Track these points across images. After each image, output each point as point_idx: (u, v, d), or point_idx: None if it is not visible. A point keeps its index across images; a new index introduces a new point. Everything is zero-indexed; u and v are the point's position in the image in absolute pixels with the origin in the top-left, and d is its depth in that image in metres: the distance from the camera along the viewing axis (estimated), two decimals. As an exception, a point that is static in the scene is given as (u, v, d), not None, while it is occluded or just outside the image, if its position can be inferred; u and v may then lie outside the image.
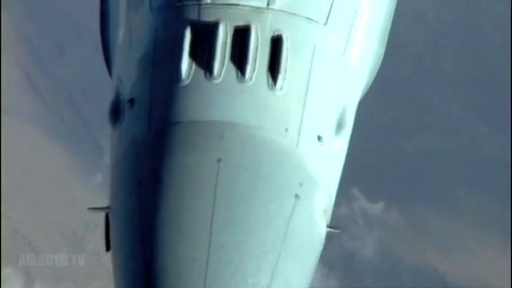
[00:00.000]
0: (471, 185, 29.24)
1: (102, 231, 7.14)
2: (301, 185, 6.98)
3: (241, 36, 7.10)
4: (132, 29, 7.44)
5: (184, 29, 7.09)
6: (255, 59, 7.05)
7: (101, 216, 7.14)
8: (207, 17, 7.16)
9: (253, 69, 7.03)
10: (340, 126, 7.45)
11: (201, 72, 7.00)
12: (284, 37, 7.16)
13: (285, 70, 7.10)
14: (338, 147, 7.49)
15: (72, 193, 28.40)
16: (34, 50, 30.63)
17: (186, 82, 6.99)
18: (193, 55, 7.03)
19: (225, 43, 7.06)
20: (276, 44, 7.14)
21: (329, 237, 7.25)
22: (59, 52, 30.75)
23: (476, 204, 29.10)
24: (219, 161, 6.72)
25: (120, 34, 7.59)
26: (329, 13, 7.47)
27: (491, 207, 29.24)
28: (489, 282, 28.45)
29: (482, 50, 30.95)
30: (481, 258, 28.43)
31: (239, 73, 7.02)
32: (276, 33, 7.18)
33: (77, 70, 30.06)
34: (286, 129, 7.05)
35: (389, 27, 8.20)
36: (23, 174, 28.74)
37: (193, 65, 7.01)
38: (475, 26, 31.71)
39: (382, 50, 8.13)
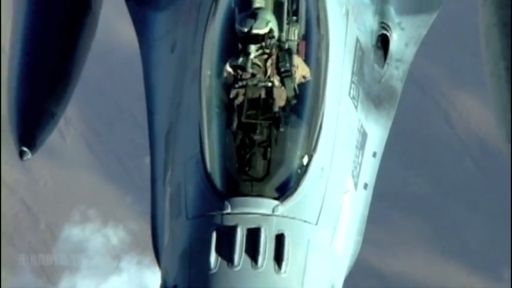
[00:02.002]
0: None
1: None
2: None
3: (253, 234, 9.44)
4: (174, 233, 9.85)
5: (211, 232, 9.44)
6: (265, 251, 9.41)
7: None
8: (228, 222, 9.52)
9: (264, 259, 9.38)
10: None
11: (225, 263, 9.35)
12: (286, 234, 9.50)
13: (287, 258, 9.43)
14: None
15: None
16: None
17: (214, 271, 9.34)
18: (218, 251, 9.38)
19: (242, 241, 9.40)
20: (280, 239, 9.49)
21: None
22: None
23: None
24: None
25: (165, 238, 9.97)
26: (319, 215, 9.85)
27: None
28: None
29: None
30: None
31: (253, 262, 9.37)
32: (279, 232, 9.51)
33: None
34: None
35: (365, 220, 10.58)
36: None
37: (219, 258, 9.35)
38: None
39: (360, 238, 10.54)
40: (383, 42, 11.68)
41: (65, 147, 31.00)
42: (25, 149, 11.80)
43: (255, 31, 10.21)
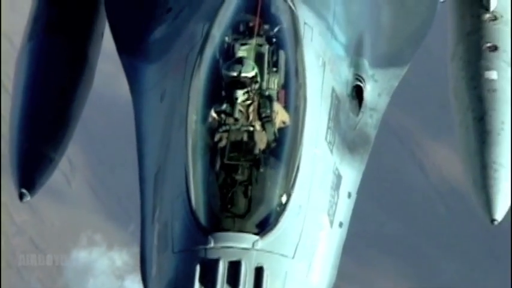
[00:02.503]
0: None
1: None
2: None
3: (234, 267, 9.32)
4: (161, 266, 9.75)
5: (195, 264, 9.33)
6: (245, 283, 9.31)
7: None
8: (211, 255, 9.41)
9: None
10: None
11: None
12: (265, 267, 9.40)
13: None
14: None
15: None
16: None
17: None
18: (202, 282, 9.27)
19: (223, 273, 9.29)
20: (259, 272, 9.39)
21: None
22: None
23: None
24: None
25: (153, 270, 9.89)
26: (296, 250, 9.74)
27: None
28: None
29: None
30: None
31: None
32: (258, 265, 9.39)
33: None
34: None
35: (339, 256, 10.48)
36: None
37: None
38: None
39: (335, 272, 10.37)
40: (357, 92, 11.59)
41: (70, 191, 31.20)
42: (24, 191, 11.82)
43: (243, 74, 10.22)
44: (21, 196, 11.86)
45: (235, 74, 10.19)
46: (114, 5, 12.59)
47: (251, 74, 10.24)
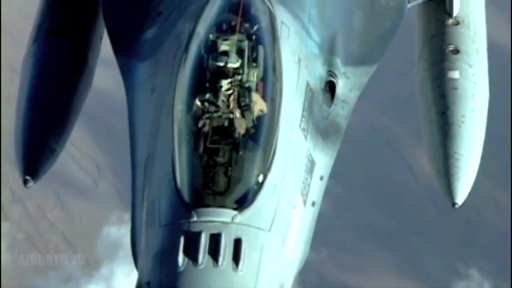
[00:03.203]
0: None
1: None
2: None
3: (215, 239, 9.14)
4: (149, 239, 9.58)
5: (180, 236, 9.17)
6: (225, 253, 9.11)
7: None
8: (194, 228, 9.25)
9: (224, 259, 9.07)
10: None
11: (191, 262, 9.08)
12: (243, 239, 9.21)
13: (244, 259, 9.14)
14: None
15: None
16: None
17: (182, 269, 9.06)
18: (185, 252, 9.10)
19: (205, 244, 9.11)
20: (238, 243, 9.20)
21: None
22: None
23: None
24: None
25: (142, 243, 9.73)
26: (271, 224, 9.54)
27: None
28: None
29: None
30: None
31: (214, 262, 9.07)
32: (237, 237, 9.20)
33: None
34: None
35: (312, 232, 10.28)
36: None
37: (186, 259, 9.07)
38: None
39: (308, 247, 10.16)
40: (330, 87, 11.43)
41: (97, 191, 31.33)
42: (28, 177, 11.84)
43: (229, 65, 10.08)
44: (25, 182, 11.87)
45: (222, 64, 10.05)
46: (111, 10, 12.55)
47: (236, 65, 10.10)
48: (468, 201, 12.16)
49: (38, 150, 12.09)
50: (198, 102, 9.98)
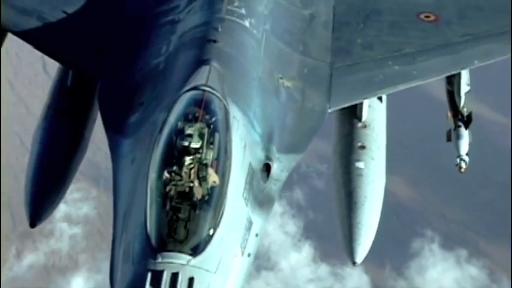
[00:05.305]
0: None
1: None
2: None
3: (174, 277, 10.69)
4: (123, 273, 11.16)
5: (147, 273, 10.73)
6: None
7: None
8: (158, 267, 10.79)
9: None
10: None
11: None
12: (195, 278, 10.79)
13: None
14: None
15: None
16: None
17: None
18: (152, 285, 10.62)
19: (166, 280, 10.67)
20: (191, 281, 10.76)
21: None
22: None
23: None
24: None
25: (118, 276, 11.26)
26: (217, 267, 11.12)
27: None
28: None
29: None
30: None
31: None
32: (190, 276, 10.71)
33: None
34: None
35: (248, 276, 11.80)
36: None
37: None
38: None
39: (246, 285, 11.70)
40: (267, 167, 12.74)
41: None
42: (34, 221, 13.65)
43: (192, 145, 11.26)
44: (32, 225, 13.66)
45: (186, 144, 11.29)
46: (104, 99, 13.95)
47: (197, 145, 11.29)
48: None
49: (41, 200, 13.73)
50: (166, 173, 11.31)
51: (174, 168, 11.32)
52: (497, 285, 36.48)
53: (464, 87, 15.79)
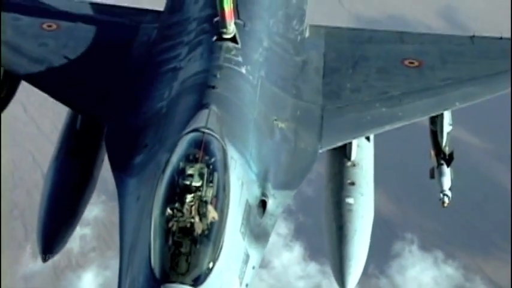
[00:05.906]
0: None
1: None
2: None
3: None
4: None
5: None
6: None
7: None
8: None
9: None
10: None
11: None
12: None
13: None
14: None
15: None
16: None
17: None
18: None
19: None
20: None
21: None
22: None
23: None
24: None
25: None
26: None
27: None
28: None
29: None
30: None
31: None
32: None
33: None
34: None
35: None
36: None
37: None
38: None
39: None
40: (263, 203, 13.07)
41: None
42: (46, 255, 14.16)
43: (193, 184, 11.51)
44: (44, 259, 14.13)
45: (188, 183, 11.53)
46: (111, 141, 14.29)
47: (198, 184, 11.52)
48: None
49: (53, 235, 14.25)
50: (169, 210, 11.66)
51: (176, 205, 11.60)
52: (470, 284, 37.80)
53: (447, 127, 16.19)
